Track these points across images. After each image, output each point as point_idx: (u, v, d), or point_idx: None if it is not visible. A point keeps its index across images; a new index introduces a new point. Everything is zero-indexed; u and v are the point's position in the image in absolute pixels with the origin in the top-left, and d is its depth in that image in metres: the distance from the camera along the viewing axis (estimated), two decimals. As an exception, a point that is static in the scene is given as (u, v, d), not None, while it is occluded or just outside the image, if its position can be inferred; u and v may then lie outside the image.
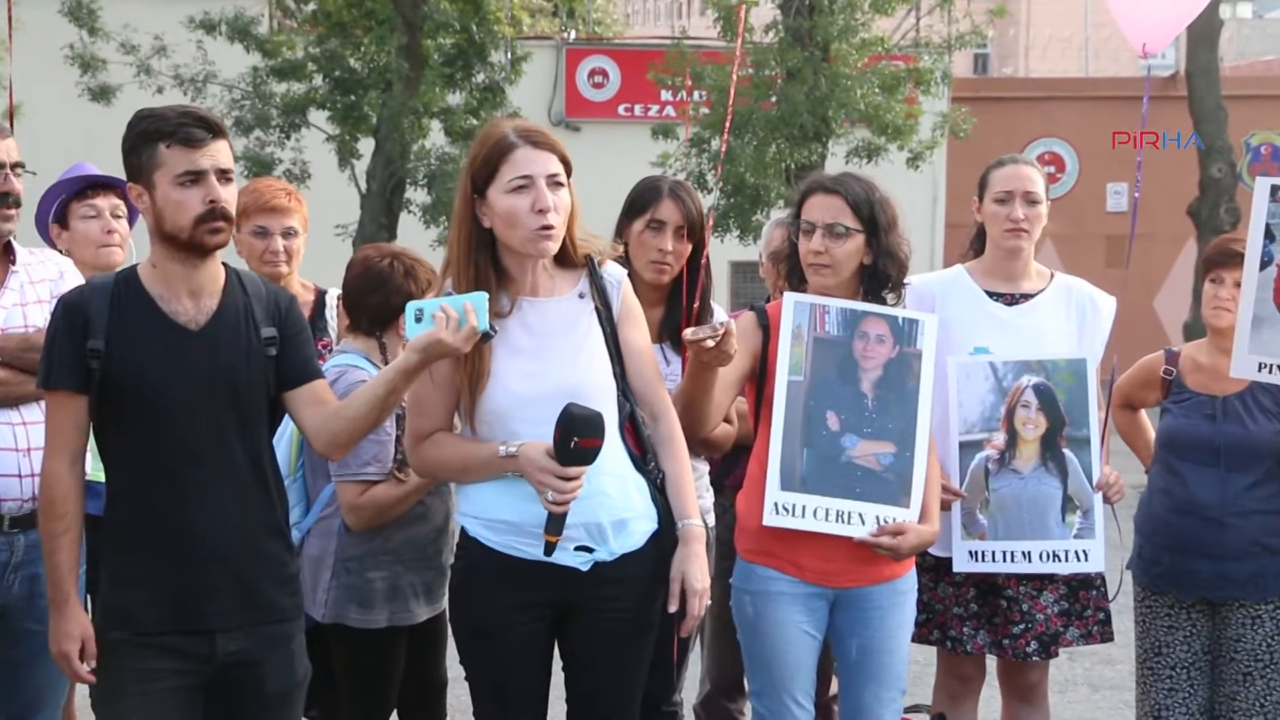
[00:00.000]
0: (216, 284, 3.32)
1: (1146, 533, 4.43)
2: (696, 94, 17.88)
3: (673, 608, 3.44)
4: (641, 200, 4.23)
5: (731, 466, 4.51)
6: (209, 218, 3.21)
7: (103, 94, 16.74)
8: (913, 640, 4.01)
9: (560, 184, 3.33)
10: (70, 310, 3.26)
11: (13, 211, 3.77)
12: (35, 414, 3.66)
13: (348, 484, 3.90)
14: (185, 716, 3.28)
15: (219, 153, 3.24)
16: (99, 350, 3.21)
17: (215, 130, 3.25)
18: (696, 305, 4.23)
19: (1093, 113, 21.79)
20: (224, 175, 3.24)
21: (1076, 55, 26.45)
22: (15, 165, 3.76)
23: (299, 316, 3.45)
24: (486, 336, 3.16)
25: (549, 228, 3.30)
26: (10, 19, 3.82)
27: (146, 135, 3.21)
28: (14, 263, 3.83)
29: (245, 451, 3.31)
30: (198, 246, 3.24)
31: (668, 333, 4.21)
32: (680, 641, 4.23)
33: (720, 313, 4.52)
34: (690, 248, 4.24)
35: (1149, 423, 4.66)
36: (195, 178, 3.19)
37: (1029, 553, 4.17)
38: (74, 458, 3.28)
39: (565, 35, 23.27)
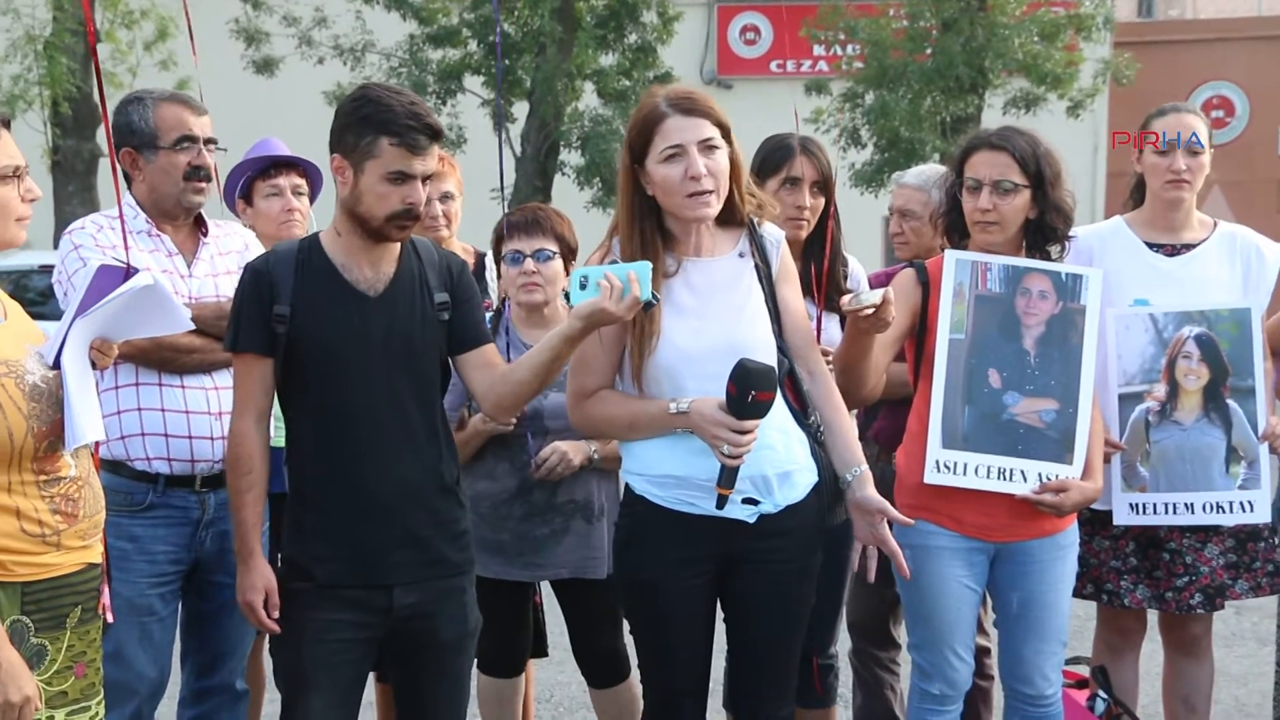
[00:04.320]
0: (394, 251, 3.44)
1: (1318, 484, 4.35)
2: (850, 48, 17.73)
3: (884, 542, 3.49)
4: (774, 158, 4.25)
5: (872, 418, 4.54)
6: (402, 216, 3.34)
7: (266, 66, 17.19)
8: (1069, 594, 4.01)
9: (714, 147, 3.37)
10: (257, 277, 3.40)
11: (204, 185, 3.91)
12: (226, 379, 3.81)
13: None
14: (357, 666, 3.44)
15: (431, 158, 3.34)
16: (284, 315, 3.36)
17: (436, 136, 3.35)
18: (826, 262, 4.24)
19: (1265, 53, 21.11)
20: (428, 179, 3.37)
21: (1249, -6, 25.59)
22: (209, 141, 3.91)
23: (470, 282, 3.56)
24: (648, 306, 3.21)
25: (703, 193, 3.36)
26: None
27: (371, 122, 3.29)
28: (205, 235, 4.00)
29: (419, 413, 3.43)
30: (382, 237, 3.38)
31: (805, 287, 4.24)
32: (835, 597, 4.30)
33: (855, 263, 4.53)
34: (823, 201, 4.27)
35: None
36: (403, 179, 3.31)
37: (1191, 504, 4.13)
38: (260, 417, 3.44)
39: (716, -7, 23.20)
